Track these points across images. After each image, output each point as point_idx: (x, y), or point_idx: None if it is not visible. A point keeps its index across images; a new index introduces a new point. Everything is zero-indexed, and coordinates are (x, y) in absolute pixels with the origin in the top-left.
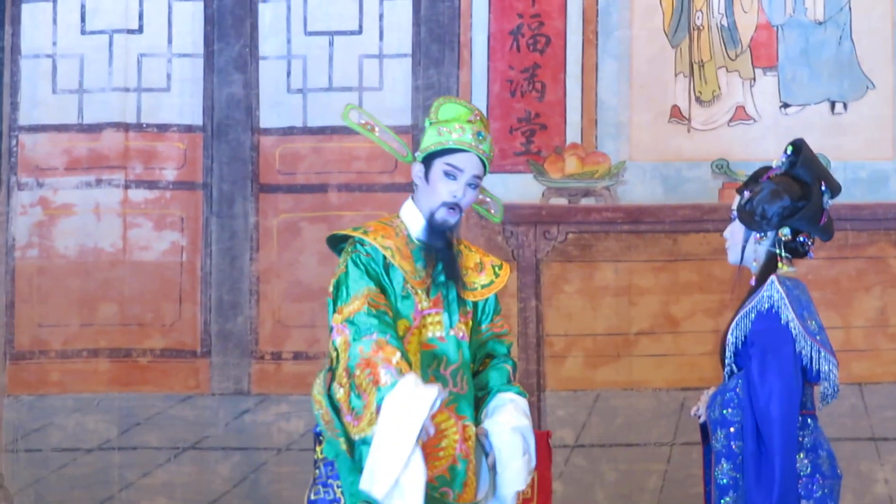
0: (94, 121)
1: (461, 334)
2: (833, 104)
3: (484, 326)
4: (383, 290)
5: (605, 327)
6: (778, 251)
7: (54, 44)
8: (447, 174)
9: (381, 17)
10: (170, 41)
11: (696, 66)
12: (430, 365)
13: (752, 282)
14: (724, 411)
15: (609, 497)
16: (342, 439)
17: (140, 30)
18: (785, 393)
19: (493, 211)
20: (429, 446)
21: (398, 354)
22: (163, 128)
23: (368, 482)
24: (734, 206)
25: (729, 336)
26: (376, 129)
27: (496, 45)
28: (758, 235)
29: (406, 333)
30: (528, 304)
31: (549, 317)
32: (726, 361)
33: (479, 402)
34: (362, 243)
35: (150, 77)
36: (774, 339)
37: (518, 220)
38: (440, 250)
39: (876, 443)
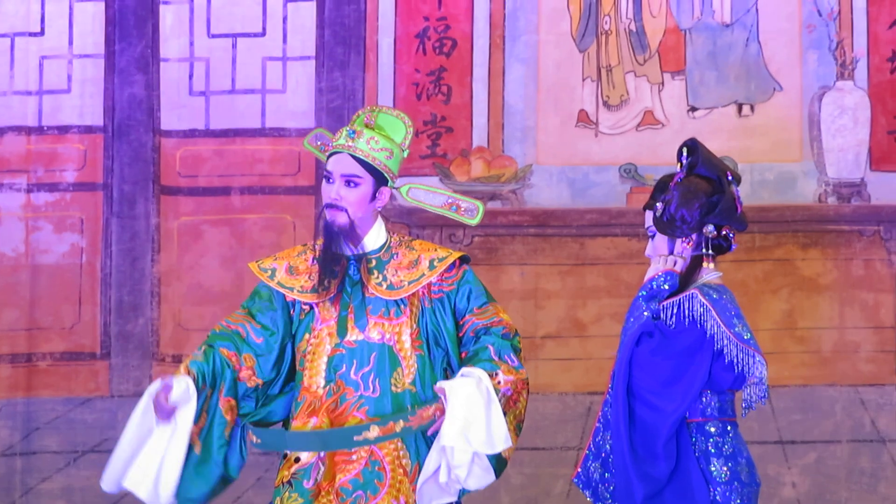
0: None
1: (381, 337)
2: (740, 107)
3: (466, 318)
4: (272, 311)
5: None
6: (705, 251)
7: None
8: (325, 178)
9: (284, 19)
10: (70, 42)
11: (604, 71)
12: (339, 369)
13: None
14: None
15: (515, 501)
16: None
17: (42, 32)
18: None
19: (464, 213)
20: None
21: (187, 362)
22: (63, 129)
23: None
24: (649, 223)
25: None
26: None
27: (402, 48)
28: (686, 241)
29: (306, 345)
30: None
31: None
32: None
33: None
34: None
35: (52, 79)
36: (693, 349)
37: (423, 223)
38: (330, 255)
39: (783, 446)
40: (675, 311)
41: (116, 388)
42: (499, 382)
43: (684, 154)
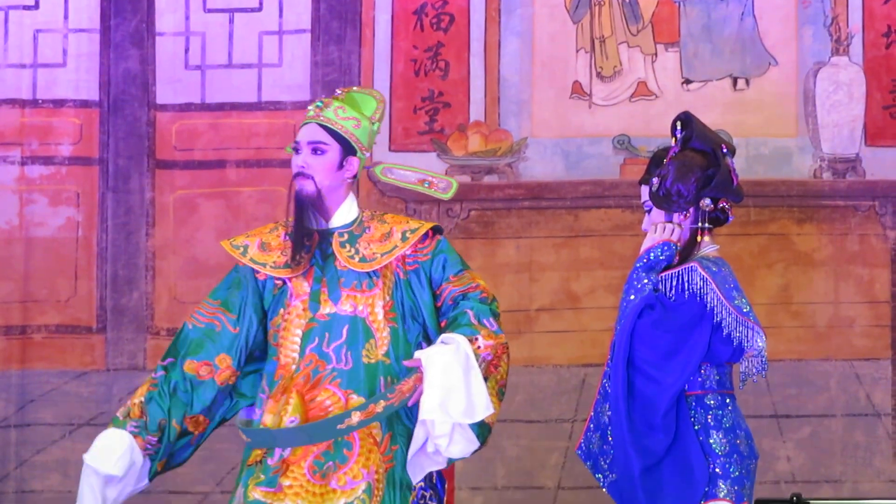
0: None
1: (353, 309)
2: (735, 80)
3: (443, 286)
4: (244, 296)
5: (506, 304)
6: (701, 224)
7: None
8: (294, 150)
9: None
10: (66, 16)
11: (597, 42)
12: (311, 343)
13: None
14: None
15: (510, 473)
16: None
17: (36, 5)
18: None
19: (439, 189)
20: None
21: (139, 398)
22: (58, 103)
23: None
24: (645, 198)
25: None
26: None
27: (399, 24)
28: (682, 215)
29: (280, 321)
30: None
31: None
32: None
33: None
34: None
35: (46, 53)
36: (693, 322)
37: (421, 198)
38: (302, 229)
39: (778, 420)
40: (674, 283)
41: (112, 361)
42: (479, 347)
43: (678, 128)
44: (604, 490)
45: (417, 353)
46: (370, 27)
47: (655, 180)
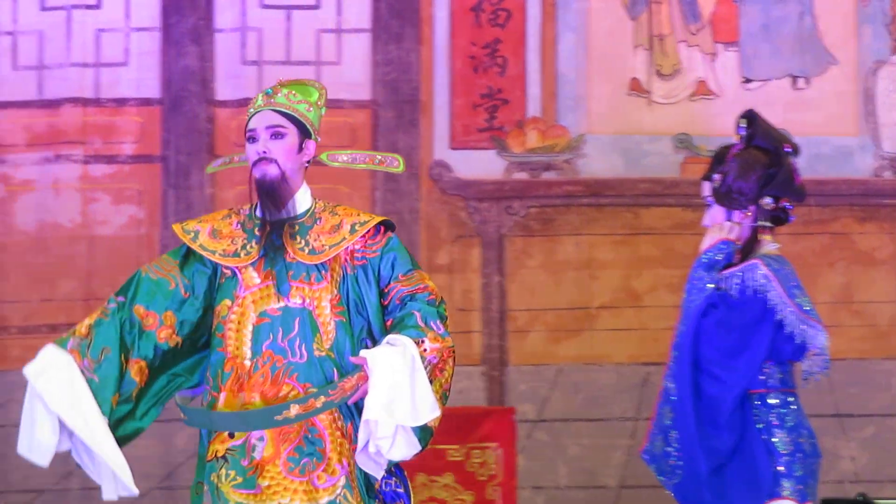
0: (53, 96)
1: (302, 302)
2: (795, 79)
3: (391, 285)
4: (198, 270)
5: (566, 301)
6: (762, 223)
7: (15, 21)
8: (248, 140)
9: None
10: (127, 15)
11: (655, 40)
12: (266, 339)
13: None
14: None
15: (572, 472)
16: None
17: (98, 5)
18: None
19: (386, 164)
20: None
21: (87, 321)
22: (120, 102)
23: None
24: (706, 193)
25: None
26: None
27: (457, 21)
28: (743, 213)
29: (228, 312)
30: (492, 280)
31: (512, 292)
32: None
33: None
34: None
35: (108, 51)
36: (756, 321)
37: (481, 195)
38: (267, 221)
39: (841, 419)
40: (737, 281)
41: None
42: (425, 350)
43: (742, 125)
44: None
45: (363, 353)
46: (429, 24)
47: (717, 177)
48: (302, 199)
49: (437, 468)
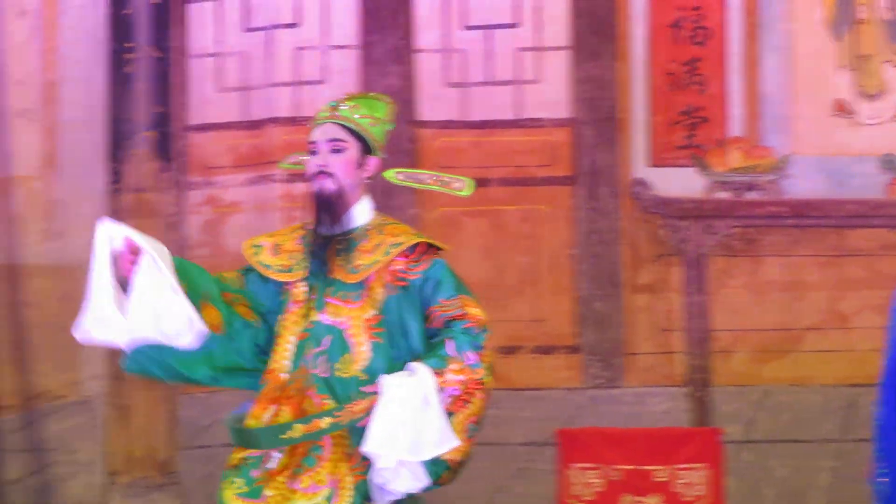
0: (256, 117)
1: (332, 320)
2: None
3: (431, 308)
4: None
5: (771, 322)
6: None
7: (218, 42)
8: (310, 153)
9: (537, 10)
10: (326, 33)
11: (859, 60)
12: (303, 354)
13: None
14: None
15: (779, 494)
16: None
17: (297, 23)
18: None
19: (454, 187)
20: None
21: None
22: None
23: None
24: None
25: None
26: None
27: (655, 37)
28: None
29: (279, 326)
30: (693, 299)
31: (715, 311)
32: None
33: None
34: None
35: (307, 70)
36: None
37: (681, 213)
38: (318, 236)
39: None
40: None
41: None
42: (444, 381)
43: None
44: None
45: (382, 378)
46: (626, 41)
47: None
48: (359, 215)
49: (644, 489)
